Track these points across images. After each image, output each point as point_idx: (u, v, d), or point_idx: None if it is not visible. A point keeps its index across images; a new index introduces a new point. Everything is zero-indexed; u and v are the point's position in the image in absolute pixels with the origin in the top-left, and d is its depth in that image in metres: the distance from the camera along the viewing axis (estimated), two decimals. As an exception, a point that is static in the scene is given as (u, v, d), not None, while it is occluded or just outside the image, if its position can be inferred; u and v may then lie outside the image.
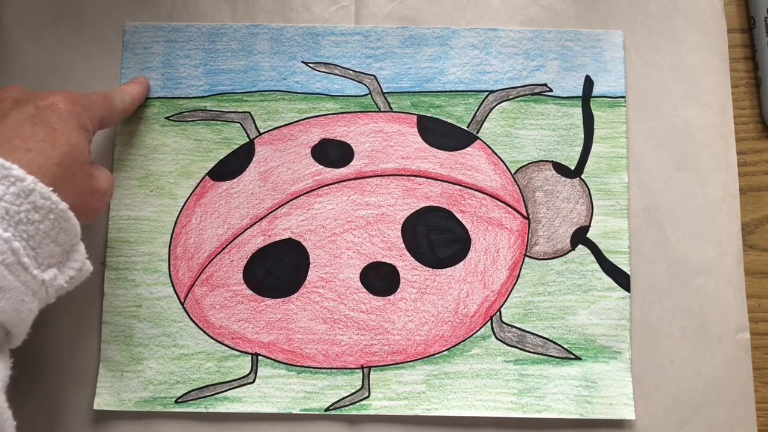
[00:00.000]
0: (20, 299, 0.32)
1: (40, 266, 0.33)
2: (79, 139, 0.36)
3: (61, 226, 0.34)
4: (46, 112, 0.36)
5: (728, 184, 0.46)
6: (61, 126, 0.36)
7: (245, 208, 0.46)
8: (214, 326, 0.45)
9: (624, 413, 0.44)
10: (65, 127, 0.36)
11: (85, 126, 0.38)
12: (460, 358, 0.44)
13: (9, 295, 0.32)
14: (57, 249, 0.34)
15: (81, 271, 0.36)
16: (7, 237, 0.31)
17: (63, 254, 0.35)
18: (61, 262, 0.35)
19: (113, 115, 0.42)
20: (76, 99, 0.38)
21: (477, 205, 0.46)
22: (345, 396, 0.44)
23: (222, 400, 0.44)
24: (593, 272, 0.45)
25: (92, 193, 0.38)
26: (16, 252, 0.31)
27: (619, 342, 0.44)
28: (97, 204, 0.38)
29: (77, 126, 0.37)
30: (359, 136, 0.47)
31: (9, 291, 0.31)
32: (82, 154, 0.36)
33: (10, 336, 0.34)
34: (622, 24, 0.48)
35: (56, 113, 0.36)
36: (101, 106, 0.40)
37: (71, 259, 0.36)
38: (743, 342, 0.45)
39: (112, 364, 0.44)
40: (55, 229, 0.34)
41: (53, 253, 0.34)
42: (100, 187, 0.38)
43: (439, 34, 0.48)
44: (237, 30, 0.48)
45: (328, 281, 0.45)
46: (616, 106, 0.47)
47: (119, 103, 0.43)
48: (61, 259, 0.35)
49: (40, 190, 0.32)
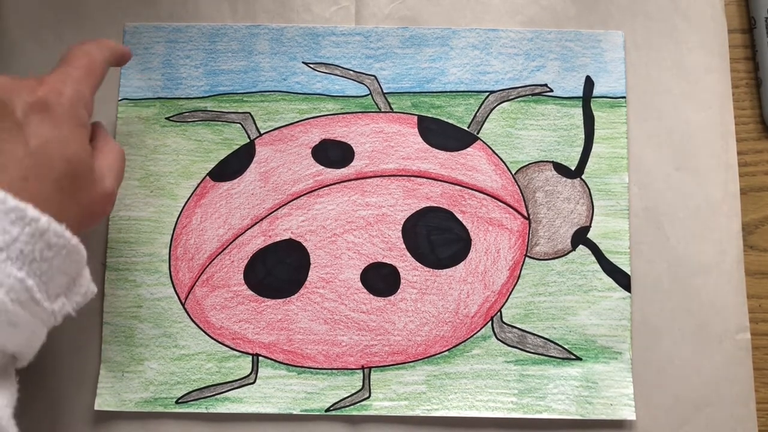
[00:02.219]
0: (32, 331, 0.33)
1: (50, 297, 0.33)
2: (77, 148, 0.34)
3: (72, 258, 0.34)
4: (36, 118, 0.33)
5: (728, 184, 0.46)
6: (55, 135, 0.33)
7: (246, 208, 0.46)
8: (214, 327, 0.45)
9: (624, 413, 0.44)
10: (59, 136, 0.33)
11: (81, 121, 0.35)
12: (461, 358, 0.45)
13: (22, 329, 0.32)
14: (65, 279, 0.34)
15: (86, 295, 0.36)
16: (22, 277, 0.31)
17: (70, 282, 0.35)
18: (68, 290, 0.35)
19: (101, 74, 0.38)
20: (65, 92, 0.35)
21: (477, 205, 0.46)
22: (345, 396, 0.44)
23: (223, 401, 0.44)
24: (594, 272, 0.45)
25: (98, 200, 0.36)
26: (30, 290, 0.31)
27: (619, 342, 0.44)
28: (102, 208, 0.37)
29: (73, 127, 0.34)
30: (360, 137, 0.47)
31: (23, 326, 0.32)
32: (82, 165, 0.35)
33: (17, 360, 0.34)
34: (623, 24, 0.48)
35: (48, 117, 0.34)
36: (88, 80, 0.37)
37: (77, 285, 0.35)
38: (743, 342, 0.45)
39: (112, 364, 0.44)
40: (66, 262, 0.33)
41: (62, 283, 0.34)
42: (106, 191, 0.37)
43: (439, 34, 0.48)
44: (237, 30, 0.48)
45: (329, 282, 0.45)
46: (616, 107, 0.47)
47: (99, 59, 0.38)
48: (68, 287, 0.35)
49: (54, 228, 0.32)
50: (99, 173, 0.37)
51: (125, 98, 0.47)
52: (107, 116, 0.47)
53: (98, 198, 0.36)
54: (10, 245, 0.30)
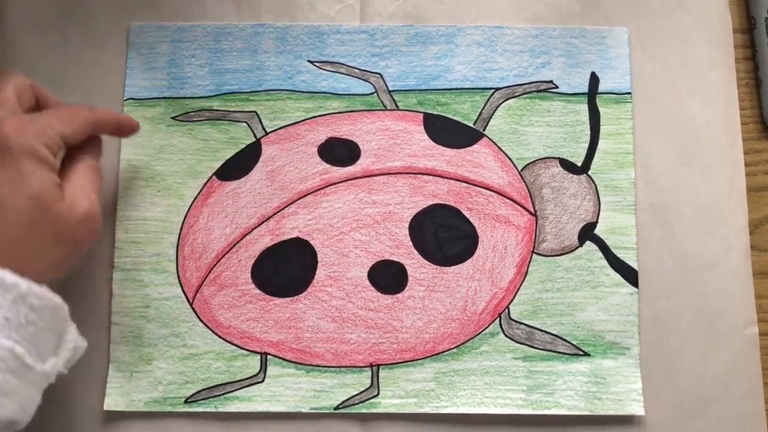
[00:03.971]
0: (26, 397, 0.33)
1: (42, 359, 0.33)
2: (40, 182, 0.34)
3: (56, 316, 0.34)
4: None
5: (735, 180, 0.46)
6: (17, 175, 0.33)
7: (252, 207, 0.46)
8: (222, 326, 0.45)
9: (633, 409, 0.44)
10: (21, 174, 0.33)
11: (43, 157, 0.34)
12: (469, 355, 0.45)
13: (16, 397, 0.32)
14: (53, 338, 0.34)
15: (75, 350, 0.36)
16: (10, 346, 0.31)
17: (57, 340, 0.35)
18: (57, 348, 0.35)
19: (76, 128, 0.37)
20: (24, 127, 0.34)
21: (484, 202, 0.46)
22: (354, 394, 0.44)
23: (232, 400, 0.44)
24: (601, 268, 0.45)
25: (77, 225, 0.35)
26: (20, 357, 0.31)
27: (627, 338, 0.44)
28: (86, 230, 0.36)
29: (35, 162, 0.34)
30: (366, 135, 0.47)
31: (16, 394, 0.32)
32: (49, 196, 0.34)
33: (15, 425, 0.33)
34: (627, 20, 0.48)
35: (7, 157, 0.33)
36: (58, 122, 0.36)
37: (64, 341, 0.35)
38: (751, 337, 0.45)
39: (121, 364, 0.44)
40: (52, 321, 0.33)
41: (50, 343, 0.34)
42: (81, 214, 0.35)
43: (444, 32, 0.48)
44: (242, 29, 0.48)
45: (336, 280, 0.45)
46: (622, 103, 0.47)
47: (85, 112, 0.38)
48: (57, 345, 0.35)
49: (35, 291, 0.32)
50: (70, 200, 0.35)
51: (131, 98, 0.47)
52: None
53: (75, 223, 0.35)
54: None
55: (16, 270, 0.32)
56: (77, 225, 0.35)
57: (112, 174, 0.46)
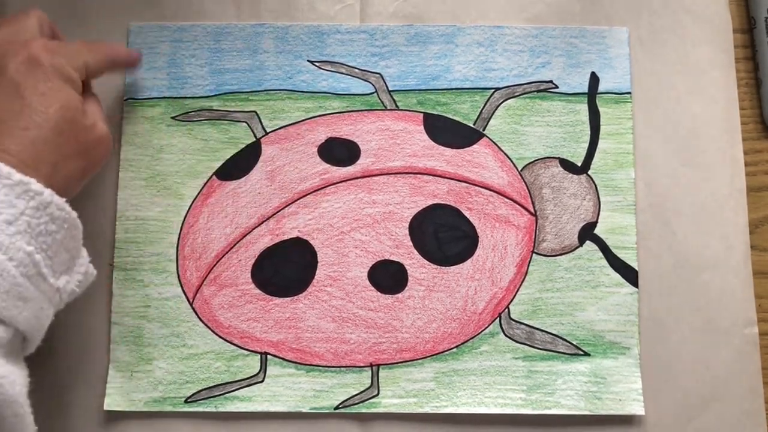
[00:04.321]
0: (40, 307, 0.33)
1: (55, 274, 0.34)
2: (69, 96, 0.36)
3: (72, 234, 0.35)
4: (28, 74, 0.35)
5: (735, 179, 0.46)
6: (48, 87, 0.35)
7: (252, 207, 0.46)
8: (222, 326, 0.45)
9: (633, 409, 0.44)
10: (52, 87, 0.36)
11: (70, 77, 0.37)
12: (469, 355, 0.45)
13: (31, 305, 0.33)
14: (66, 255, 0.35)
15: (86, 275, 0.37)
16: (30, 251, 0.32)
17: (70, 260, 0.36)
18: (69, 268, 0.36)
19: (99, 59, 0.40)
20: (55, 48, 0.37)
21: (484, 202, 0.46)
22: (354, 394, 0.44)
23: (232, 400, 0.44)
24: (601, 268, 0.45)
25: (97, 143, 0.38)
26: (37, 264, 0.32)
27: (627, 338, 0.45)
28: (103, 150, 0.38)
29: (63, 80, 0.36)
30: (366, 135, 0.47)
31: (31, 301, 0.32)
32: (76, 111, 0.36)
33: (26, 343, 0.34)
34: (627, 20, 0.48)
35: (39, 72, 0.36)
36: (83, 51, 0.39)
37: (77, 264, 0.36)
38: (751, 336, 0.45)
39: (121, 364, 0.44)
40: (67, 237, 0.35)
41: (64, 260, 0.35)
42: (102, 133, 0.38)
43: (444, 31, 0.48)
44: (242, 29, 0.48)
45: (336, 280, 0.45)
46: (621, 102, 0.47)
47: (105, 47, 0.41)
48: (69, 265, 0.36)
49: (57, 201, 0.33)
50: (91, 119, 0.38)
51: (130, 98, 0.47)
52: (113, 116, 0.46)
53: (95, 141, 0.37)
54: (18, 218, 0.32)
55: (41, 179, 0.33)
56: (97, 143, 0.38)
57: (113, 174, 0.46)
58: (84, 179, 0.38)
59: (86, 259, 0.37)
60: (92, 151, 0.37)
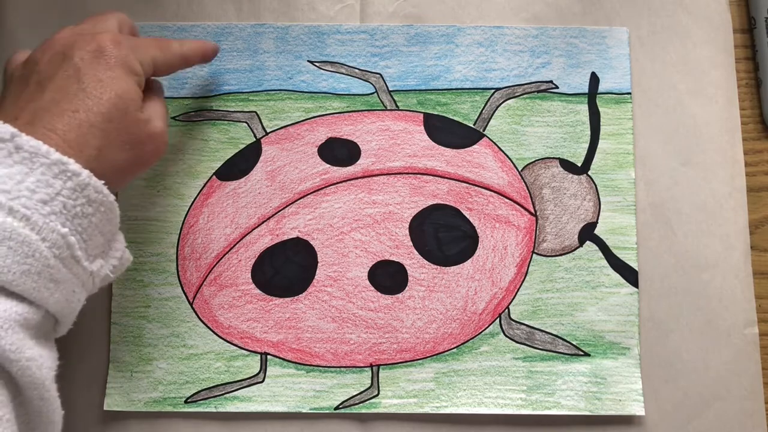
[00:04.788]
0: (72, 290, 0.33)
1: (89, 257, 0.34)
2: (127, 87, 0.36)
3: (108, 217, 0.35)
4: (92, 62, 0.35)
5: (735, 179, 0.46)
6: (108, 75, 0.35)
7: (253, 207, 0.46)
8: (222, 326, 0.45)
9: (633, 409, 0.44)
10: (112, 76, 0.36)
11: (133, 69, 0.37)
12: (469, 355, 0.45)
13: (63, 287, 0.32)
14: (102, 239, 0.35)
15: (122, 260, 0.37)
16: (65, 232, 0.32)
17: (106, 244, 0.36)
18: (104, 252, 0.36)
19: (168, 57, 0.40)
20: (122, 41, 0.37)
21: (484, 202, 0.46)
22: (355, 394, 0.44)
23: (232, 400, 0.44)
24: (601, 268, 0.45)
25: (148, 139, 0.37)
26: (71, 246, 0.32)
27: (627, 338, 0.45)
28: (155, 148, 0.38)
29: (125, 71, 0.36)
30: (366, 135, 0.47)
31: (63, 283, 0.32)
32: (132, 102, 0.36)
33: (58, 326, 0.34)
34: (627, 20, 0.48)
35: (102, 60, 0.36)
36: (152, 47, 0.39)
37: (113, 249, 0.36)
38: (752, 336, 0.45)
39: (121, 364, 0.44)
40: (104, 221, 0.34)
41: (99, 243, 0.35)
42: (155, 131, 0.38)
43: (444, 32, 0.48)
44: (242, 29, 0.48)
45: (336, 280, 0.45)
46: (622, 103, 0.47)
47: (176, 46, 0.41)
48: (104, 249, 0.36)
49: (94, 184, 0.33)
50: (147, 114, 0.38)
51: (131, 98, 0.47)
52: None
53: (147, 136, 0.37)
54: (54, 198, 0.31)
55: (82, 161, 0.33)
56: (149, 138, 0.37)
57: (112, 174, 0.46)
58: (132, 173, 0.38)
59: (122, 244, 0.37)
60: (142, 146, 0.37)
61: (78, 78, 0.35)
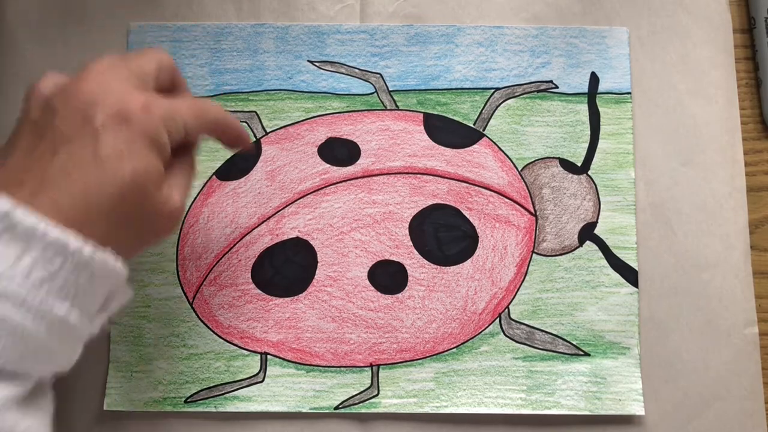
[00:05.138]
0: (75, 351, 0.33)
1: (90, 320, 0.33)
2: (147, 163, 0.33)
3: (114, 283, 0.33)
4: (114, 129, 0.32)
5: (735, 179, 0.46)
6: (129, 148, 0.32)
7: (252, 207, 0.46)
8: (222, 326, 0.45)
9: (633, 409, 0.44)
10: (133, 149, 0.32)
11: (158, 141, 0.33)
12: (469, 355, 0.45)
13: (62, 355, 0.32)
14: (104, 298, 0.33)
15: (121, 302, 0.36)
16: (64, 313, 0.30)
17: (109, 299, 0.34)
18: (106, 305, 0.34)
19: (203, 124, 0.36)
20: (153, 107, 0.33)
21: (484, 202, 0.46)
22: (354, 394, 0.44)
23: (232, 400, 0.44)
24: (601, 268, 0.45)
25: (162, 218, 0.34)
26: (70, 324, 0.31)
27: (627, 338, 0.45)
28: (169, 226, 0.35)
29: (149, 144, 0.33)
30: (366, 135, 0.47)
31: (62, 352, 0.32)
32: (151, 182, 0.33)
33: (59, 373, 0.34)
34: (627, 20, 0.48)
35: (125, 128, 0.32)
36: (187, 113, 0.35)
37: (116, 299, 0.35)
38: (752, 336, 0.45)
39: (121, 364, 0.44)
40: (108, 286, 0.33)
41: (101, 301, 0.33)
42: (171, 209, 0.35)
43: (444, 32, 0.48)
44: (242, 29, 0.48)
45: (336, 280, 0.45)
46: (622, 102, 0.47)
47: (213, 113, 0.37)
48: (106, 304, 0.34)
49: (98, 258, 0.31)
50: (166, 192, 0.35)
51: (131, 98, 0.47)
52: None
53: (161, 217, 0.34)
54: (55, 276, 0.30)
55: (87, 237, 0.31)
56: (162, 219, 0.35)
57: (112, 174, 0.46)
58: (141, 248, 0.35)
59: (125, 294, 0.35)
60: (155, 224, 0.34)
61: (95, 145, 0.32)
